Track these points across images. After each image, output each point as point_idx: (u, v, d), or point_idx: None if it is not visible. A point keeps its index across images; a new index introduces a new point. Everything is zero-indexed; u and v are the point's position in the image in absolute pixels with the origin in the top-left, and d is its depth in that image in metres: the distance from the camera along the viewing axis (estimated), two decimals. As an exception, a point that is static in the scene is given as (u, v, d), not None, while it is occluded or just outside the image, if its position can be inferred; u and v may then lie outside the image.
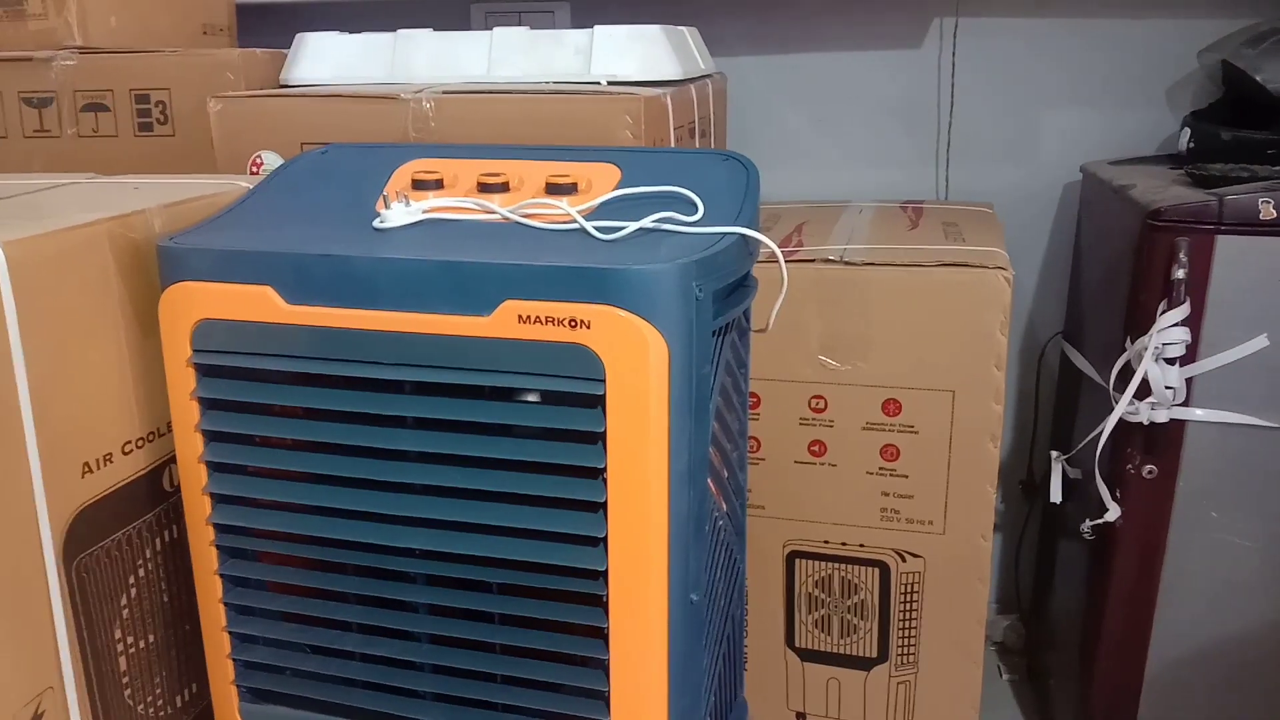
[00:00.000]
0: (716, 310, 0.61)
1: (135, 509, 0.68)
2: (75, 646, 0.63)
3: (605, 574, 0.60)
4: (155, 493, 0.69)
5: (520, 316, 0.57)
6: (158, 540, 0.70)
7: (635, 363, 0.56)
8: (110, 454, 0.65)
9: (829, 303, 0.91)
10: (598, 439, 0.58)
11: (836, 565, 0.97)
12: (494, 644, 0.64)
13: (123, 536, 0.67)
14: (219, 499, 0.66)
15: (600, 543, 0.60)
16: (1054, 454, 1.01)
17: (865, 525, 0.96)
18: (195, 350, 0.64)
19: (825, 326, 0.91)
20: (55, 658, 0.61)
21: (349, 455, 0.63)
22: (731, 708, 0.78)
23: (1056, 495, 0.99)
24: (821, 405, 0.93)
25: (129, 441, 0.67)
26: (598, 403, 0.57)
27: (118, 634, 0.67)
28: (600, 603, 0.61)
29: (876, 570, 0.96)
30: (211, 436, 0.65)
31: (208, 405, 0.65)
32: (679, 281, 0.56)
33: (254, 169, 0.92)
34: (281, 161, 0.88)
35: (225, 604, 0.68)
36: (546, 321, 0.57)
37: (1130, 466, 0.93)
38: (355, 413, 0.62)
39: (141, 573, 0.69)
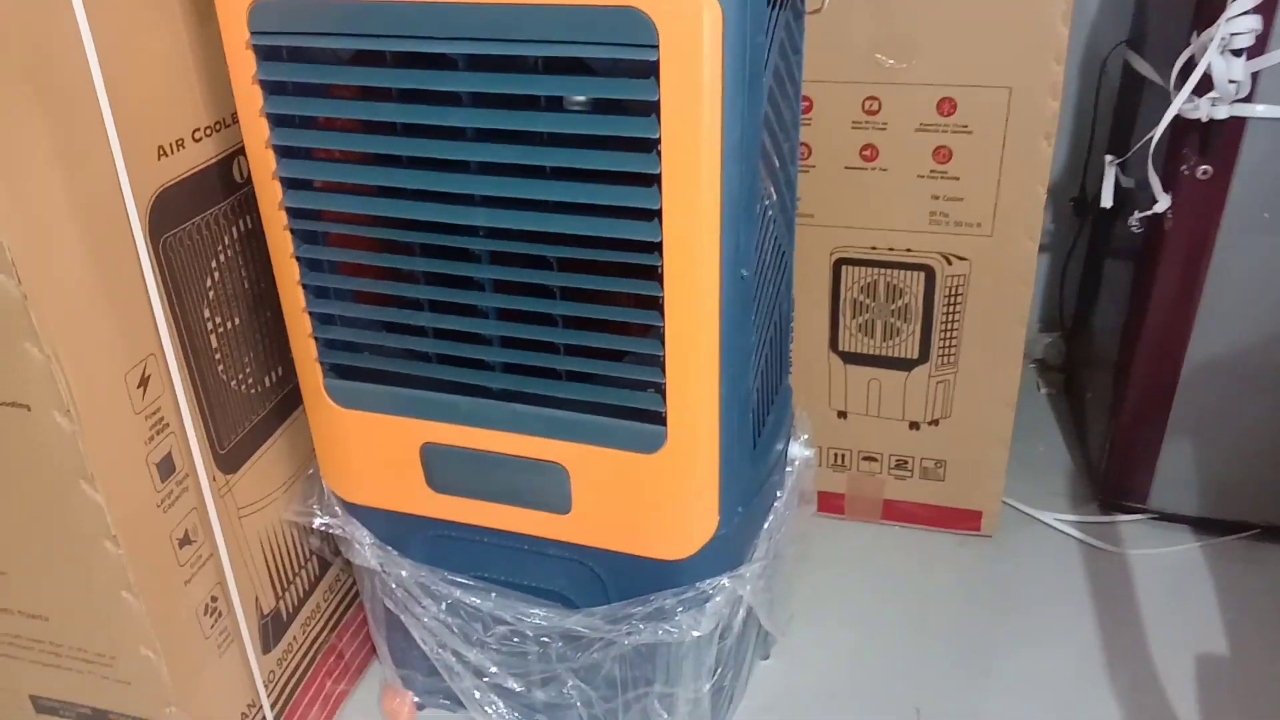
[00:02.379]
0: (770, -24, 0.60)
1: (210, 196, 0.71)
2: (170, 319, 0.68)
3: (660, 246, 0.63)
4: (227, 182, 0.73)
5: (574, -18, 0.57)
6: (234, 229, 0.74)
7: (689, 26, 0.56)
8: (182, 139, 0.68)
9: (885, -4, 0.88)
10: (652, 110, 0.59)
11: (882, 270, 1.00)
12: (556, 317, 0.68)
13: (201, 221, 0.71)
14: (288, 183, 0.69)
15: (655, 215, 0.62)
16: (1108, 158, 1.00)
17: (913, 230, 0.97)
18: (253, 32, 0.64)
19: (880, 22, 0.89)
20: (154, 327, 0.66)
21: (409, 135, 0.65)
22: (777, 390, 0.83)
23: (1108, 199, 0.99)
24: (875, 107, 0.92)
25: (198, 129, 0.69)
26: (651, 70, 0.58)
27: (206, 313, 0.72)
28: (655, 275, 0.64)
29: (922, 274, 0.99)
30: (276, 121, 0.67)
31: (270, 89, 0.66)
32: (733, -58, 0.55)
33: None
34: None
35: (303, 286, 0.72)
36: (599, -14, 0.57)
37: (1184, 167, 0.92)
38: (412, 90, 0.63)
39: (222, 258, 0.73)
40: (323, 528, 0.82)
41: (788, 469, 0.86)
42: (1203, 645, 0.98)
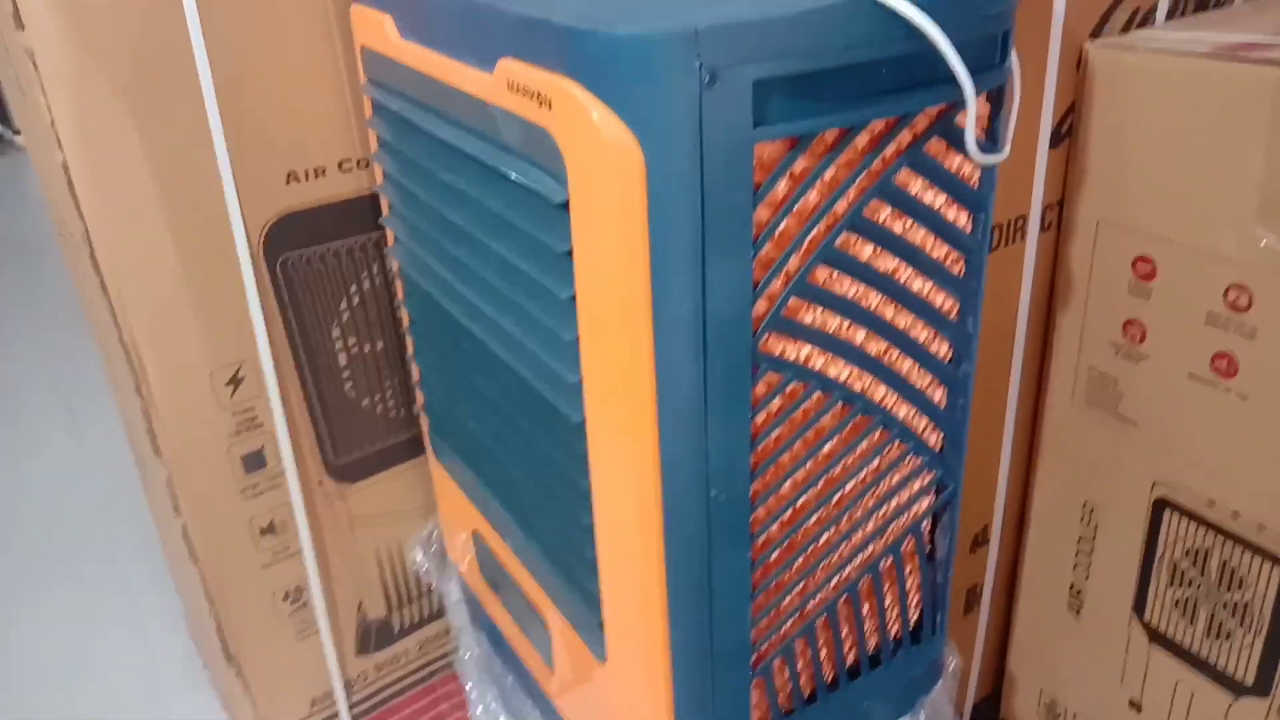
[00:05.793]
0: (767, 108, 0.40)
1: (353, 225, 0.72)
2: (280, 332, 0.71)
3: (583, 427, 0.48)
4: (379, 216, 0.73)
5: (510, 82, 0.45)
6: (384, 260, 0.74)
7: (594, 166, 0.41)
8: (323, 168, 0.69)
9: (1288, 138, 0.55)
10: (564, 258, 0.45)
11: (1219, 539, 0.65)
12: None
13: (341, 247, 0.72)
14: (397, 238, 0.67)
15: (576, 389, 0.47)
16: None
17: (1277, 497, 0.61)
18: (368, 79, 0.63)
19: (1275, 174, 0.56)
20: (251, 335, 0.70)
21: (433, 225, 0.58)
22: (888, 652, 0.59)
23: None
24: (1243, 301, 0.59)
25: (346, 160, 0.70)
26: (562, 210, 0.44)
27: (336, 333, 0.74)
28: (584, 459, 0.49)
29: (1278, 570, 0.62)
30: (386, 173, 0.65)
31: (381, 139, 0.64)
32: (664, 55, 0.38)
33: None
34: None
35: (410, 335, 0.70)
36: (524, 92, 0.44)
37: None
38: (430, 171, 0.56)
39: (366, 285, 0.74)
40: (416, 566, 0.81)
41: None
42: None
